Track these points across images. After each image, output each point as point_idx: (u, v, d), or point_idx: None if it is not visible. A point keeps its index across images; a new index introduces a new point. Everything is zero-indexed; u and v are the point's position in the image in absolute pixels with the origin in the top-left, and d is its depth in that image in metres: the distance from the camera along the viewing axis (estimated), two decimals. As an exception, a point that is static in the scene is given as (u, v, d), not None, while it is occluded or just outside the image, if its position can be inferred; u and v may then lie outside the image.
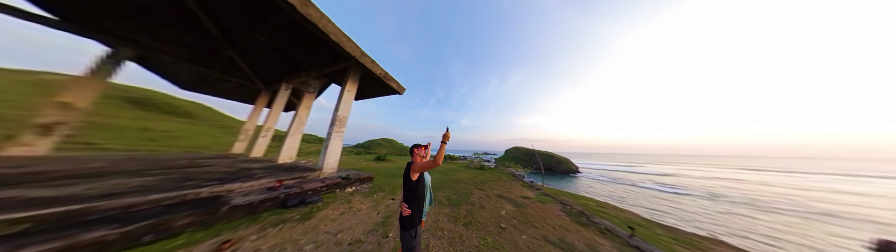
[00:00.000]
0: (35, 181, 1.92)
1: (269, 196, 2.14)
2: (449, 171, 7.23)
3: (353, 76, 3.67)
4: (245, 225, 1.76)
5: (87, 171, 2.40)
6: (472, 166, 9.49)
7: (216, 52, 4.53)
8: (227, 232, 1.62)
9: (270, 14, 3.29)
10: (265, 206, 2.08)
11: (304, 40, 3.82)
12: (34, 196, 1.57)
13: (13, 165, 2.42)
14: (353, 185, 3.25)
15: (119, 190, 1.80)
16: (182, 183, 2.13)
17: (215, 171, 2.81)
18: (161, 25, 3.71)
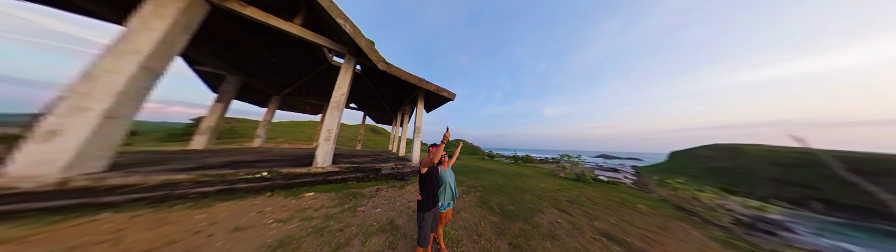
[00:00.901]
0: (359, 155, 5.67)
1: (392, 172, 3.81)
2: (516, 175, 6.00)
3: (421, 97, 5.26)
4: (384, 183, 3.36)
5: (356, 154, 6.41)
6: (565, 175, 6.60)
7: (383, 108, 9.57)
8: (379, 185, 3.27)
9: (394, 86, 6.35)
10: (391, 176, 3.73)
11: (404, 86, 6.35)
12: (358, 159, 4.69)
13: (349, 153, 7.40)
14: (428, 174, 4.26)
15: (363, 161, 4.55)
16: (375, 161, 4.70)
17: (382, 157, 5.66)
18: (368, 98, 9.05)
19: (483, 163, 10.40)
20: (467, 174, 5.22)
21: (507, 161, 14.27)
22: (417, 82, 4.50)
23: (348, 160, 4.46)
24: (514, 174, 6.11)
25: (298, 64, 6.07)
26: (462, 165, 7.51)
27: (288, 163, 3.39)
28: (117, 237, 1.35)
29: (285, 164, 3.27)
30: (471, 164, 9.02)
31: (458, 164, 7.79)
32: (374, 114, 10.79)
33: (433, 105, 6.70)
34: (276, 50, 5.22)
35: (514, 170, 7.53)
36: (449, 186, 1.46)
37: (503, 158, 17.04)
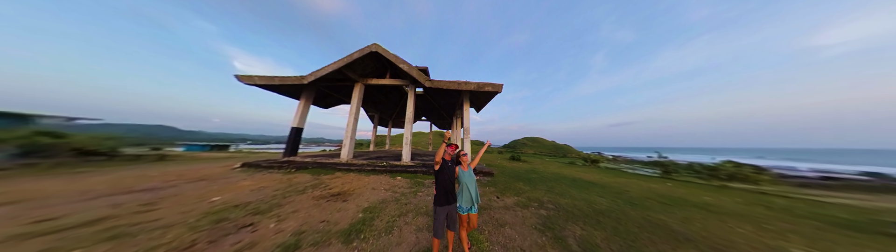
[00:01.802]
0: (428, 155, 7.44)
1: None
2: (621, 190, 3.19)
3: (465, 98, 5.38)
4: None
5: (427, 154, 8.17)
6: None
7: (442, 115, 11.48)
8: None
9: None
10: None
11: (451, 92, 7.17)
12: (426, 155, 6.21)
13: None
14: (478, 175, 4.10)
15: (428, 159, 5.81)
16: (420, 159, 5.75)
17: None
18: (431, 110, 11.32)
19: (572, 169, 7.12)
20: (533, 182, 3.95)
21: (638, 170, 8.20)
22: (457, 86, 4.71)
23: (420, 158, 5.79)
24: (618, 187, 3.61)
25: (395, 99, 9.71)
26: (528, 170, 5.90)
27: (393, 158, 5.33)
28: (346, 181, 3.17)
29: (392, 159, 5.22)
30: (547, 169, 6.76)
31: (524, 169, 6.28)
32: (437, 121, 13.03)
33: (481, 103, 6.53)
34: (385, 94, 8.78)
35: (597, 177, 4.67)
36: (467, 188, 1.37)
37: (629, 165, 10.72)
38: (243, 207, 2.02)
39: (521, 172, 5.36)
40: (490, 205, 2.43)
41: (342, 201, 2.30)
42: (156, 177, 3.27)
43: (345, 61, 4.66)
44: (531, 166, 7.38)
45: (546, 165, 8.35)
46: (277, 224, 1.72)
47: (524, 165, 7.34)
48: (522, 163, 8.55)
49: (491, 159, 9.38)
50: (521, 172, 5.36)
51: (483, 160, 8.29)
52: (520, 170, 5.95)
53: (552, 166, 8.11)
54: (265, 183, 2.88)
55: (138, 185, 2.73)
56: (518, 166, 6.96)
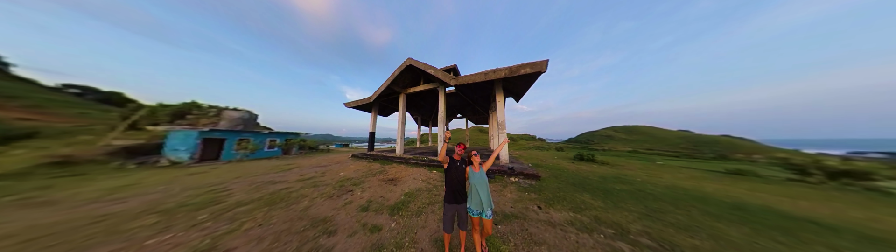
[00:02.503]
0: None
1: None
2: None
3: (498, 89, 4.62)
4: None
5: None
6: None
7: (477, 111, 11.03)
8: None
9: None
10: None
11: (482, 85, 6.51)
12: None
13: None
14: (517, 176, 3.48)
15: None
16: None
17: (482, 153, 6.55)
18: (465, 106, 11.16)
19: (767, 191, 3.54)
20: (614, 197, 2.59)
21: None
22: (484, 77, 4.14)
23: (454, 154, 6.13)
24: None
25: (432, 101, 10.69)
26: (611, 178, 3.98)
27: (432, 154, 6.03)
28: (398, 170, 4.20)
29: (431, 154, 5.95)
30: (655, 179, 4.08)
31: (597, 174, 4.36)
32: (472, 118, 12.61)
33: (520, 90, 5.34)
34: (423, 99, 9.92)
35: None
36: (477, 191, 1.27)
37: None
38: (349, 180, 3.32)
39: (590, 179, 3.83)
40: (525, 214, 2.00)
41: (393, 185, 3.02)
42: (324, 159, 6.32)
43: (390, 79, 5.88)
44: (616, 171, 4.97)
45: (655, 172, 5.24)
46: (361, 193, 2.65)
47: (602, 169, 5.12)
48: (597, 165, 6.03)
49: (542, 158, 7.50)
50: (590, 179, 3.83)
51: (530, 159, 6.82)
52: (591, 175, 4.26)
53: (672, 175, 4.97)
54: (359, 167, 4.51)
55: (321, 163, 5.47)
56: (588, 170, 5.00)
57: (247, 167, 4.92)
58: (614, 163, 6.92)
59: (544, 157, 8.02)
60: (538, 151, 12.84)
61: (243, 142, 6.91)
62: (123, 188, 3.01)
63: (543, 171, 4.29)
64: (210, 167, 5.00)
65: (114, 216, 2.01)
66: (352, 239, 1.59)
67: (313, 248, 1.48)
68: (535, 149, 22.40)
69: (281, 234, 1.65)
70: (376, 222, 1.85)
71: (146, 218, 1.96)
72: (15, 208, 2.30)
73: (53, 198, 2.61)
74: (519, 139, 48.46)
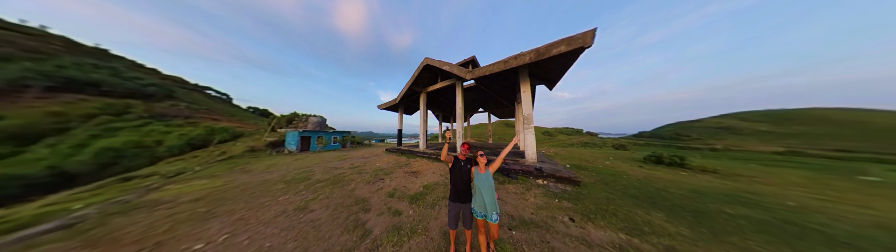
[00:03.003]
0: (484, 147, 7.41)
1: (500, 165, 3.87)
2: None
3: (523, 77, 3.83)
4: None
5: (486, 146, 7.90)
6: None
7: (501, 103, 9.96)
8: None
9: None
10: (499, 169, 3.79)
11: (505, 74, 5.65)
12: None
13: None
14: (546, 179, 2.95)
15: (483, 152, 5.73)
16: (490, 153, 5.46)
17: (497, 149, 6.04)
18: (488, 100, 10.27)
19: None
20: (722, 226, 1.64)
21: None
22: (504, 65, 3.52)
23: (473, 150, 5.91)
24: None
25: (452, 98, 10.55)
26: (725, 197, 2.52)
27: (453, 149, 6.23)
28: (420, 164, 4.62)
29: (452, 150, 6.13)
30: None
31: (683, 188, 2.90)
32: (496, 111, 11.50)
33: (553, 74, 4.28)
34: (443, 96, 9.90)
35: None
36: (480, 193, 1.20)
37: None
38: (382, 170, 3.97)
39: (670, 193, 2.63)
40: (550, 225, 1.69)
41: (415, 177, 3.34)
42: (367, 152, 7.81)
43: (410, 81, 6.20)
44: (732, 185, 3.13)
45: (847, 196, 2.94)
46: (389, 181, 3.12)
47: (698, 180, 3.34)
48: (690, 173, 3.98)
49: (588, 158, 5.86)
50: (670, 193, 2.63)
51: (571, 159, 5.55)
52: (672, 187, 2.92)
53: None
54: (390, 160, 5.28)
55: (365, 155, 6.82)
56: (669, 179, 3.43)
57: (322, 156, 6.87)
58: (731, 171, 4.27)
59: (593, 156, 6.30)
60: (585, 149, 10.28)
61: (320, 138, 9.67)
62: (272, 166, 5.04)
63: (586, 175, 3.43)
64: (304, 155, 7.38)
65: (266, 182, 3.42)
66: (379, 218, 1.93)
67: (355, 219, 1.91)
68: (580, 146, 18.13)
69: (338, 206, 2.24)
70: (398, 208, 2.15)
71: (278, 184, 3.20)
72: (237, 173, 4.38)
73: (248, 168, 4.76)
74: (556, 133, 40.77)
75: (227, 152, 8.06)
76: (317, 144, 9.35)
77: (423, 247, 1.45)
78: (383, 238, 1.58)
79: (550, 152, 7.23)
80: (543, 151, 7.60)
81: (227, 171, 4.68)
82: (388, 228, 1.72)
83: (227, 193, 2.86)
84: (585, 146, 17.52)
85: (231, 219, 2.02)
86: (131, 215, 2.25)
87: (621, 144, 12.42)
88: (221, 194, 2.83)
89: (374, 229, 1.72)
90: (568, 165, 4.39)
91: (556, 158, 5.54)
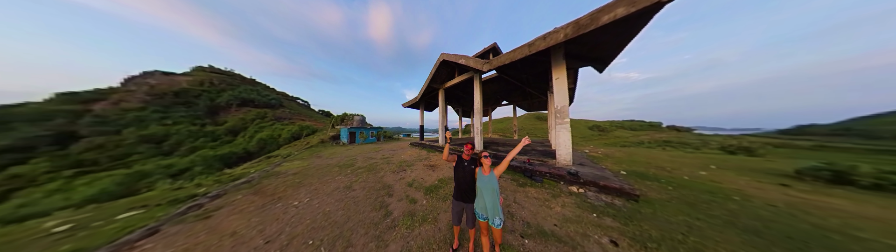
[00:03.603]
0: (508, 145, 6.82)
1: (519, 164, 3.25)
2: None
3: (556, 59, 3.00)
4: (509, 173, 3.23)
5: (510, 143, 7.18)
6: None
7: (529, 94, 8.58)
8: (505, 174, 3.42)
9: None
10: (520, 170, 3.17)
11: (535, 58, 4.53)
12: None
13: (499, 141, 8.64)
14: (585, 187, 2.35)
15: (504, 150, 5.25)
16: None
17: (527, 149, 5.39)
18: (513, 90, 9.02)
19: None
20: None
21: None
22: (529, 50, 2.88)
23: (494, 148, 5.42)
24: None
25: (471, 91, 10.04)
26: None
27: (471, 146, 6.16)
28: (437, 158, 4.84)
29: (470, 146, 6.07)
30: None
31: None
32: (523, 103, 9.99)
33: (604, 52, 3.26)
34: (462, 90, 9.55)
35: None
36: (482, 196, 1.15)
37: None
38: (405, 162, 4.45)
39: (843, 239, 1.48)
40: (578, 243, 1.36)
41: (432, 170, 3.54)
42: (395, 145, 8.91)
43: (429, 78, 6.35)
44: None
45: None
46: (410, 173, 3.47)
47: None
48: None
49: (664, 163, 4.08)
50: (843, 239, 1.48)
51: (634, 163, 4.11)
52: (863, 230, 1.63)
53: None
54: (412, 153, 5.81)
55: (393, 148, 7.83)
56: (859, 213, 1.90)
57: (362, 148, 8.44)
58: None
59: (676, 162, 4.41)
60: (660, 151, 7.34)
61: (362, 133, 11.89)
62: (333, 153, 6.76)
63: (655, 189, 2.49)
64: (352, 146, 9.33)
65: (329, 165, 4.63)
66: (399, 203, 2.22)
67: (380, 201, 2.29)
68: (653, 145, 13.15)
69: (371, 189, 2.75)
70: (415, 196, 2.37)
71: (335, 168, 4.27)
72: (314, 157, 6.18)
73: (320, 154, 6.63)
74: (612, 128, 31.12)
75: (309, 143, 11.58)
76: (359, 138, 11.64)
77: (431, 235, 1.55)
78: (400, 220, 1.81)
79: (598, 153, 5.69)
80: (587, 151, 6.07)
81: (310, 156, 6.70)
82: (404, 213, 1.95)
83: (309, 171, 4.12)
84: (665, 146, 12.51)
85: (310, 188, 2.91)
86: (269, 179, 3.69)
87: (744, 146, 7.78)
88: (306, 171, 4.11)
89: (394, 212, 1.99)
90: (623, 172, 3.31)
91: (606, 161, 4.30)
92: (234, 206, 2.42)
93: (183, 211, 2.36)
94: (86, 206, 3.46)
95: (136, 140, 17.61)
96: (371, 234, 1.60)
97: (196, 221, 2.05)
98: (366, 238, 1.55)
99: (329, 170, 4.11)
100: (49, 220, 2.66)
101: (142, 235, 1.83)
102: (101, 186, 8.40)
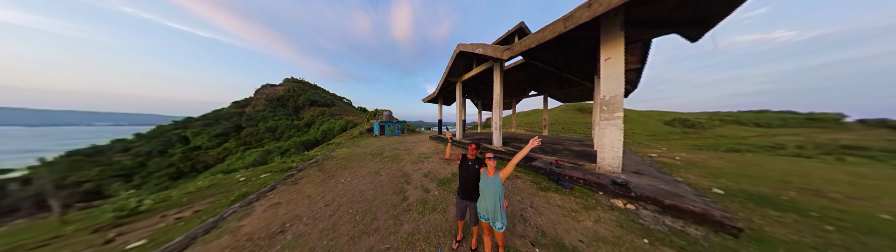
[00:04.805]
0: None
1: (544, 166, 2.84)
2: None
3: (612, 32, 2.16)
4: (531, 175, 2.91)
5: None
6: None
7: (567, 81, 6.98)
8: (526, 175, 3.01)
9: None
10: (544, 172, 2.78)
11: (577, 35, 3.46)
12: (517, 142, 5.28)
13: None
14: (638, 202, 1.79)
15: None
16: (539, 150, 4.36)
17: (557, 147, 4.56)
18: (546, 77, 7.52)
19: None
20: None
21: None
22: (564, 26, 2.24)
23: (513, 144, 4.87)
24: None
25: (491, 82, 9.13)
26: None
27: (486, 140, 5.74)
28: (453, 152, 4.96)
29: (485, 141, 5.69)
30: None
31: None
32: (557, 92, 8.27)
33: (705, 8, 2.11)
34: (481, 82, 8.83)
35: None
36: (484, 198, 1.13)
37: None
38: (423, 154, 4.79)
39: None
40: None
41: (447, 164, 3.66)
42: (416, 138, 9.62)
43: (446, 71, 6.22)
44: None
45: None
46: (427, 164, 3.73)
47: None
48: None
49: (817, 180, 2.37)
50: None
51: (743, 178, 2.69)
52: None
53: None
54: (430, 146, 6.14)
55: (415, 140, 8.50)
56: None
57: (390, 139, 9.61)
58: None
59: (866, 184, 2.55)
60: (827, 165, 4.34)
61: (390, 126, 13.52)
62: (368, 144, 8.13)
63: (787, 224, 1.63)
64: (382, 138, 10.80)
65: (365, 153, 5.62)
66: (415, 191, 2.48)
67: (400, 187, 2.63)
68: (820, 153, 7.68)
69: (393, 175, 3.18)
70: (429, 186, 2.58)
71: (367, 156, 5.16)
72: (356, 146, 7.65)
73: (360, 144, 8.14)
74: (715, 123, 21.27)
75: (352, 134, 14.31)
76: (387, 131, 13.34)
77: (439, 224, 1.67)
78: (414, 206, 2.04)
79: (675, 159, 4.15)
80: (654, 155, 4.55)
81: (353, 145, 8.35)
82: (418, 200, 2.17)
83: (352, 157, 5.18)
84: (844, 155, 7.06)
85: (350, 171, 3.69)
86: (327, 161, 4.93)
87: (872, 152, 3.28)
88: (350, 157, 5.19)
89: (410, 198, 2.26)
90: (719, 190, 2.28)
91: (689, 172, 3.08)
92: (309, 178, 3.43)
93: (285, 177, 3.58)
94: (249, 168, 5.95)
95: (264, 130, 27.98)
96: (391, 213, 1.90)
97: (291, 185, 3.07)
98: (387, 215, 1.86)
99: (364, 157, 5.00)
100: (237, 174, 4.75)
101: (269, 189, 2.95)
102: (253, 157, 14.79)
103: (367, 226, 1.67)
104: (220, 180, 4.01)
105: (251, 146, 23.90)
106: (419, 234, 1.51)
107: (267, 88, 46.58)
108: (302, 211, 2.05)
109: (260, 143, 24.77)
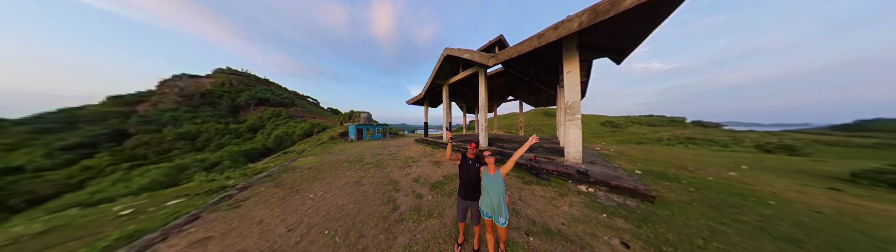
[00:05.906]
0: (514, 141, 6.67)
1: (525, 162, 3.19)
2: None
3: (568, 50, 2.75)
4: (515, 171, 3.27)
5: (515, 140, 7.01)
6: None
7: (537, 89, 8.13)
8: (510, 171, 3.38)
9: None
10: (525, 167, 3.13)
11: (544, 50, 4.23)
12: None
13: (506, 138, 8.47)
14: (595, 186, 2.26)
15: (510, 147, 5.16)
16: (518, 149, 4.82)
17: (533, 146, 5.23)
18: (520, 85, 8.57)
19: None
20: None
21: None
22: (538, 42, 2.64)
23: (498, 144, 5.31)
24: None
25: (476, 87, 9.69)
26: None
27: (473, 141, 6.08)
28: (442, 155, 4.89)
29: (472, 142, 5.97)
30: None
31: None
32: (530, 98, 9.55)
33: (624, 41, 3.01)
34: (466, 86, 9.23)
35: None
36: (488, 194, 1.15)
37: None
38: (411, 158, 4.55)
39: None
40: (587, 243, 1.34)
41: (437, 167, 3.59)
42: (401, 142, 9.11)
43: (433, 74, 6.19)
44: None
45: None
46: (416, 169, 3.55)
47: None
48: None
49: (690, 161, 3.79)
50: None
51: (650, 162, 3.85)
52: None
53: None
54: (418, 149, 5.91)
55: (399, 144, 8.02)
56: None
57: (370, 144, 8.73)
58: None
59: (700, 161, 4.10)
60: (683, 149, 6.81)
61: (368, 130, 12.24)
62: (342, 149, 7.06)
63: (674, 190, 2.35)
64: (360, 143, 9.67)
65: (339, 161, 4.86)
66: (406, 198, 2.29)
67: (388, 196, 2.39)
68: (675, 143, 12.17)
69: (378, 184, 2.86)
70: (420, 192, 2.44)
71: (344, 164, 4.49)
72: (326, 153, 6.51)
73: (331, 150, 6.96)
74: (628, 123, 29.22)
75: (321, 139, 12.16)
76: (366, 135, 12.03)
77: (437, 230, 1.60)
78: (407, 214, 1.88)
79: (611, 151, 5.42)
80: (598, 149, 5.81)
81: (321, 152, 7.09)
82: (411, 207, 2.02)
83: (322, 166, 4.37)
84: (688, 144, 11.55)
85: (323, 183, 3.10)
86: (288, 173, 3.98)
87: (785, 144, 6.89)
88: (319, 166, 4.37)
89: (402, 206, 2.07)
90: (638, 171, 3.13)
91: (619, 160, 4.08)
92: (259, 197, 2.66)
93: (217, 200, 2.64)
94: (142, 194, 4.03)
95: (174, 137, 19.76)
96: (380, 227, 1.68)
97: (229, 210, 2.28)
98: (376, 230, 1.64)
99: (340, 165, 4.32)
100: (115, 205, 3.13)
101: (187, 221, 2.09)
102: (152, 177, 9.72)
103: (350, 247, 1.41)
104: (75, 219, 2.56)
105: (145, 162, 15.64)
106: (417, 246, 1.40)
107: (182, 80, 33.45)
108: (249, 244, 1.52)
109: (165, 157, 16.68)
